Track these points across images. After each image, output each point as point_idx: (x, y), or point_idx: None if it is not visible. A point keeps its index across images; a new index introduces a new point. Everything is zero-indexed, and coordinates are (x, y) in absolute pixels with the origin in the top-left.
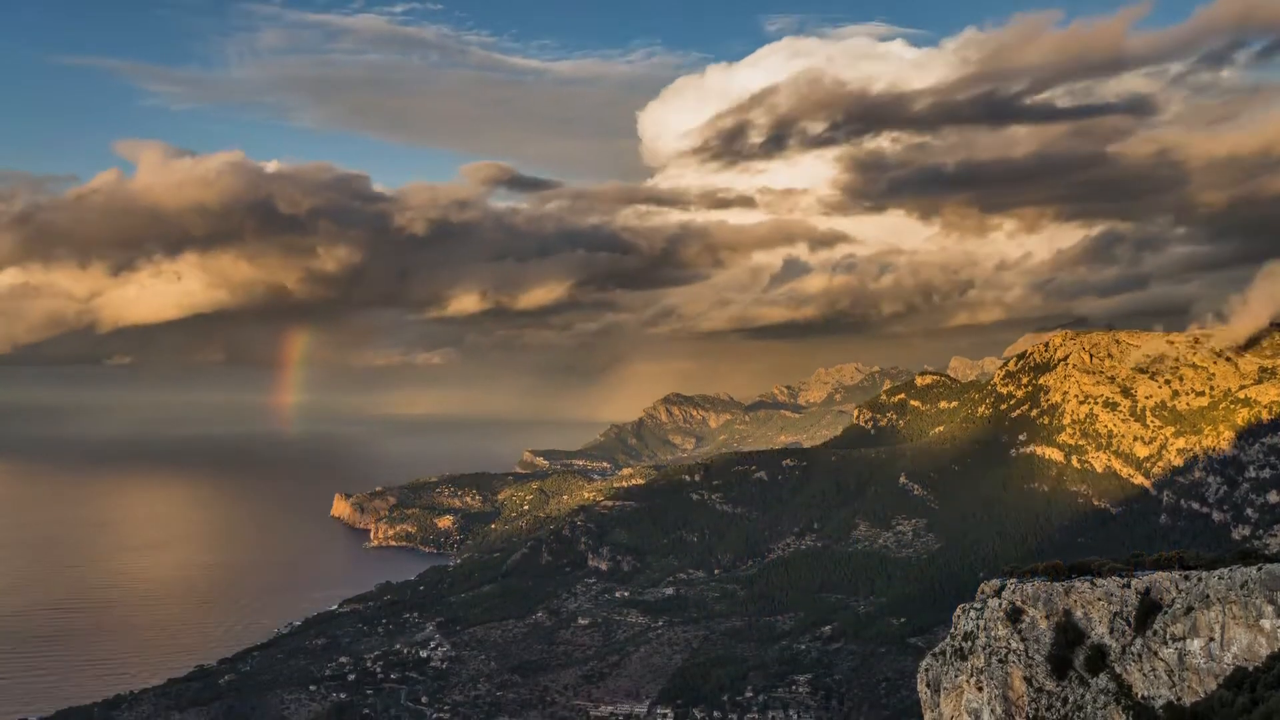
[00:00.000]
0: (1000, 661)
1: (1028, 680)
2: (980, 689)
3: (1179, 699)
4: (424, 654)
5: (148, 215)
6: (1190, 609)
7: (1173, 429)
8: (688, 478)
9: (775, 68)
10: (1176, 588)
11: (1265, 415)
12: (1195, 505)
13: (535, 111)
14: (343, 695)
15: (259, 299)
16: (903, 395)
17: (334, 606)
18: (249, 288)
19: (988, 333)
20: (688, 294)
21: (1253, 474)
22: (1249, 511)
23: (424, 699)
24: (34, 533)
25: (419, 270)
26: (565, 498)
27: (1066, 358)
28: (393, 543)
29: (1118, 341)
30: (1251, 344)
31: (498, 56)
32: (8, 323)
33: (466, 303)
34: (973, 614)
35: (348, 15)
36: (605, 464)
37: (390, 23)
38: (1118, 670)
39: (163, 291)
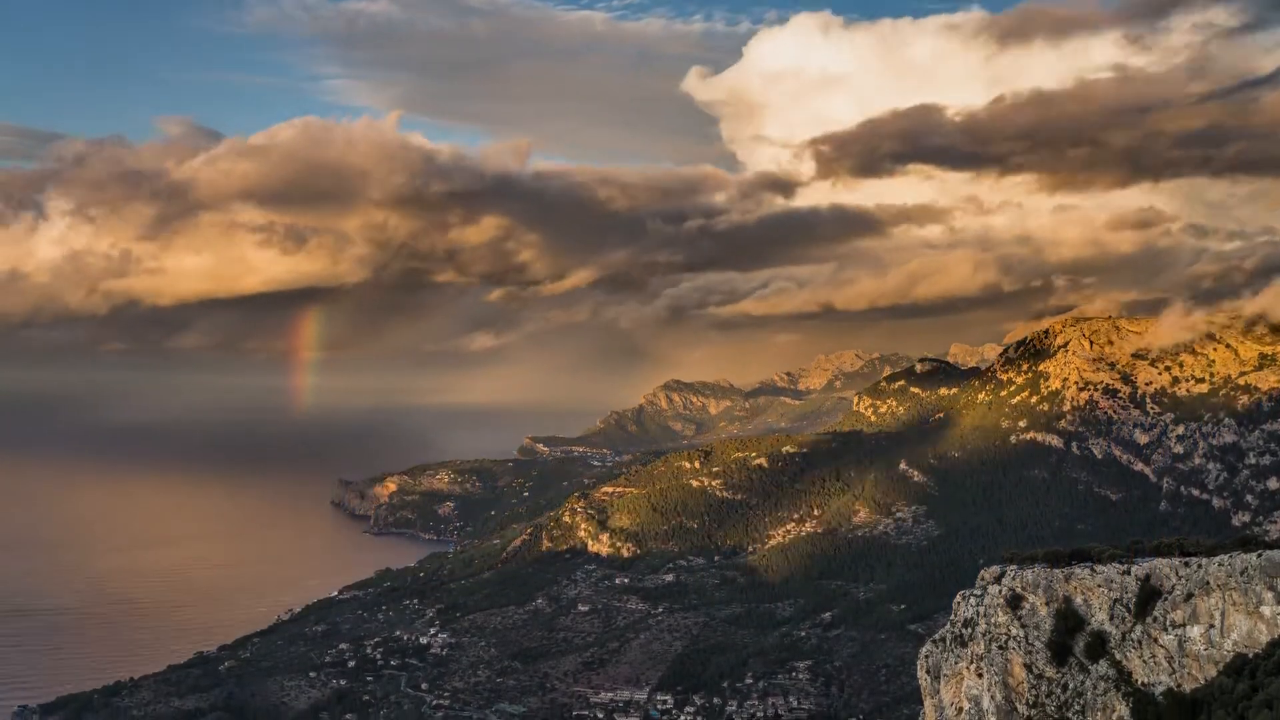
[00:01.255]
0: (1000, 648)
1: (1028, 667)
2: (980, 675)
3: (1179, 686)
4: (424, 640)
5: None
6: (1190, 595)
7: (1173, 415)
8: (688, 464)
9: None
10: (1176, 574)
11: (1265, 402)
12: (1195, 492)
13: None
14: (343, 682)
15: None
16: (903, 382)
17: (334, 593)
18: (368, 260)
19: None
20: (804, 273)
21: (1253, 460)
22: (1249, 498)
23: (424, 685)
24: (32, 529)
25: (568, 245)
26: (565, 484)
27: (1066, 344)
28: (393, 529)
29: (1117, 328)
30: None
31: (718, 37)
32: (69, 289)
33: (577, 278)
34: (973, 600)
35: (568, 10)
36: (605, 450)
37: (610, 18)
38: (1118, 657)
39: (275, 260)
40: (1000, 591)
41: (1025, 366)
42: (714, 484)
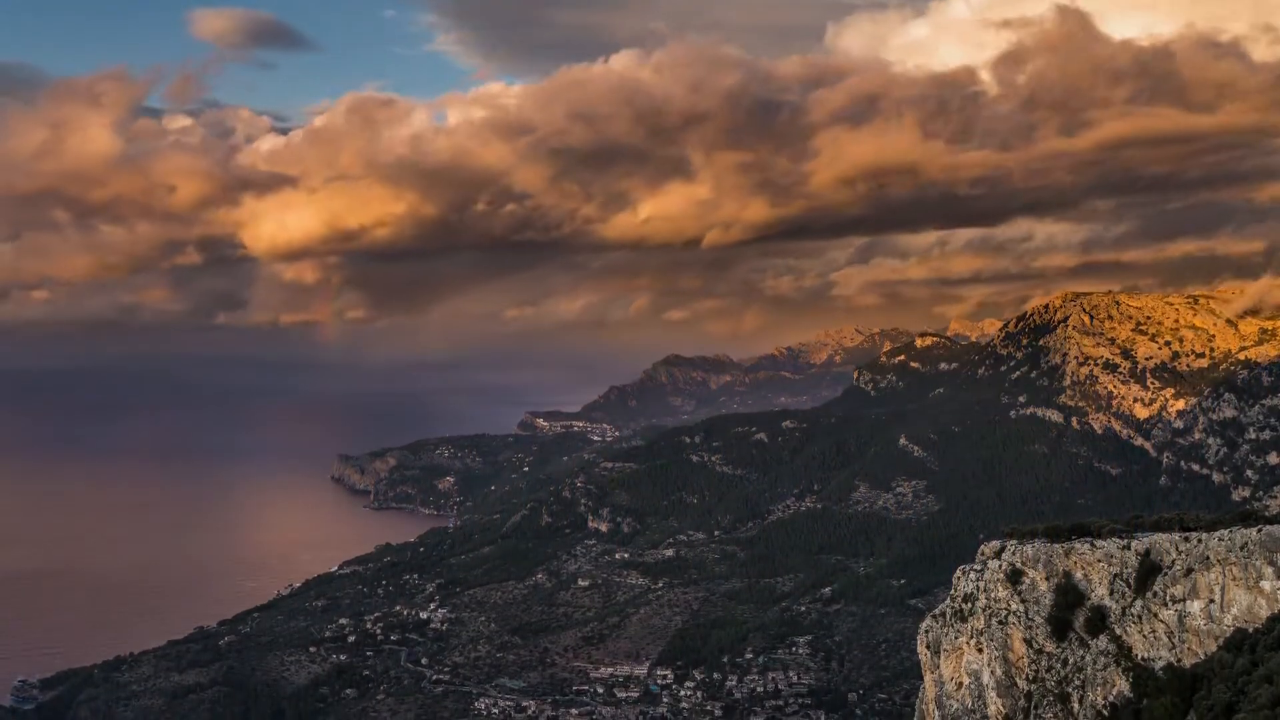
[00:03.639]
0: (1000, 623)
1: (1028, 642)
2: (980, 650)
3: (1179, 661)
4: (424, 616)
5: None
6: (1190, 570)
7: (1173, 390)
8: (688, 439)
9: None
10: (1176, 549)
11: (1265, 377)
12: (1195, 467)
13: None
14: (343, 657)
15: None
16: (903, 357)
17: (334, 568)
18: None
19: None
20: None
21: (1253, 435)
22: (1249, 473)
23: (424, 660)
24: (30, 520)
25: None
26: (565, 459)
27: (1066, 319)
28: (393, 504)
29: (1118, 303)
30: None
31: None
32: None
33: None
34: (972, 575)
35: None
36: (605, 425)
37: None
38: (1117, 632)
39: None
40: (1000, 566)
41: (1025, 341)
42: (714, 459)
